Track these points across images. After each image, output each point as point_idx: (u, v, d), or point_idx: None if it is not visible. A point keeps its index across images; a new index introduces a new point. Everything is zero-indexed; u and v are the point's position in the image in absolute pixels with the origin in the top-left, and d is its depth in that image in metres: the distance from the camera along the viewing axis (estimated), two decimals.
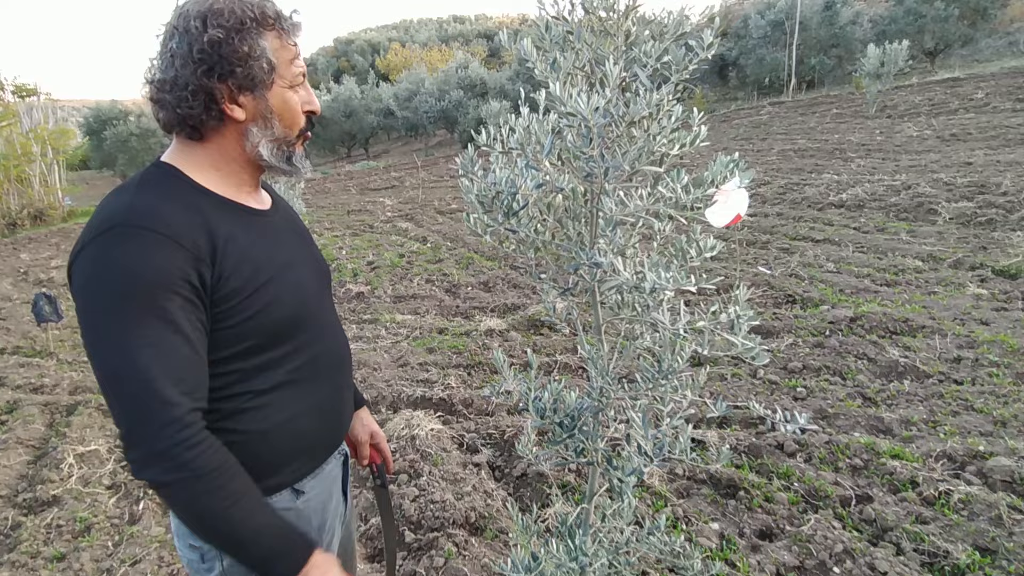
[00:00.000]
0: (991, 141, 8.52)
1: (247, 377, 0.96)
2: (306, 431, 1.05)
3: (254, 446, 0.97)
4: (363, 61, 32.45)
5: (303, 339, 1.03)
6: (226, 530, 0.87)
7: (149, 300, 0.82)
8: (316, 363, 1.05)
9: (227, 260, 0.90)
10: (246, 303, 0.92)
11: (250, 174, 1.02)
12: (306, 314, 1.03)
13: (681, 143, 1.20)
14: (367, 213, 10.93)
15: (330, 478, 1.13)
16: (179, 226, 0.86)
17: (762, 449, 2.67)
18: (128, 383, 0.82)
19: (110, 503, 2.92)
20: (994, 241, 5.08)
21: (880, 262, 5.03)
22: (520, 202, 1.36)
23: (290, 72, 0.98)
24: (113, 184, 22.77)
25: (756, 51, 18.66)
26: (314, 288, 1.08)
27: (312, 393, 1.05)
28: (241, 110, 0.95)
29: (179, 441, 0.82)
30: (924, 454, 2.53)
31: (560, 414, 1.35)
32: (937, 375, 3.21)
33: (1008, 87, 11.43)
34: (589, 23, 1.20)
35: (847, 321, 3.93)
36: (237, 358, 0.94)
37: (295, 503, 1.05)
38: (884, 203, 6.56)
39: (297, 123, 1.01)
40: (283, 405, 1.00)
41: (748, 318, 1.24)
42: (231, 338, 0.92)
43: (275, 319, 0.96)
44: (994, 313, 3.85)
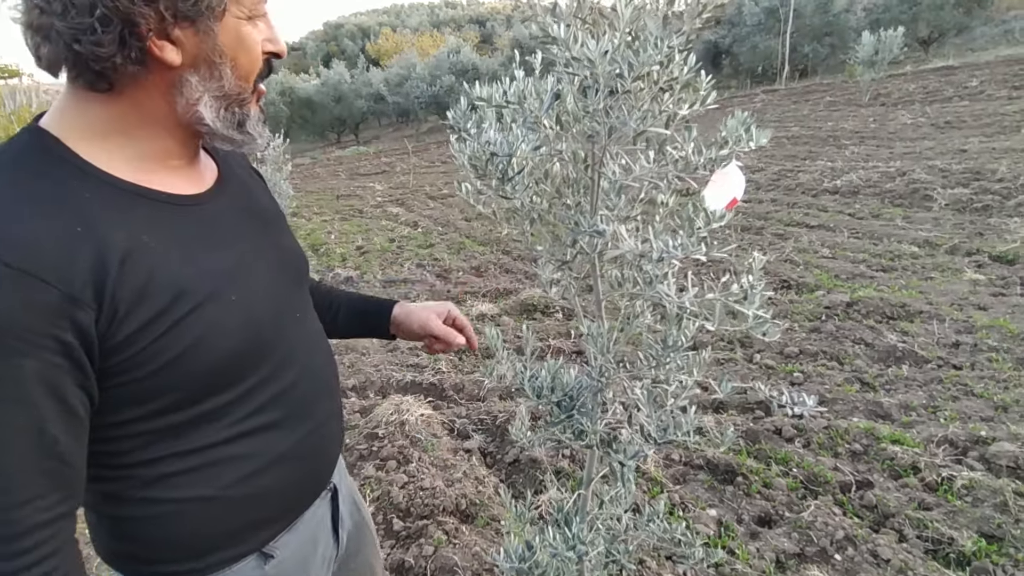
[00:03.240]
0: (986, 128, 8.48)
1: (176, 435, 0.70)
2: (271, 490, 0.79)
3: (193, 517, 0.74)
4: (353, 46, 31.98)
5: (264, 373, 0.76)
6: None
7: (4, 359, 0.56)
8: (287, 400, 0.79)
9: (125, 289, 0.61)
10: (162, 345, 0.64)
11: (179, 141, 0.71)
12: (266, 339, 0.76)
13: (691, 102, 1.12)
14: (357, 198, 10.78)
15: (312, 525, 0.88)
16: (43, 250, 0.56)
17: (760, 434, 2.61)
18: None
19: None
20: (991, 227, 5.04)
21: (876, 248, 4.98)
22: (516, 167, 1.27)
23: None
24: None
25: (750, 38, 18.54)
26: (277, 297, 0.79)
27: (282, 440, 0.79)
28: (175, 49, 0.64)
29: (14, 570, 0.59)
30: (925, 439, 2.48)
31: (558, 393, 1.27)
32: (936, 360, 3.16)
33: (1003, 75, 11.40)
34: None
35: (843, 306, 3.88)
36: (155, 415, 0.68)
37: (263, 569, 0.80)
38: (879, 189, 6.51)
39: (255, 70, 0.72)
40: (236, 462, 0.75)
41: (762, 288, 1.17)
42: (143, 393, 0.66)
43: (213, 359, 0.68)
44: (992, 298, 3.80)
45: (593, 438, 1.29)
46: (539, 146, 1.24)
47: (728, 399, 2.97)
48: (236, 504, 0.76)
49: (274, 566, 0.81)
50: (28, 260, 0.56)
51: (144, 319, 0.63)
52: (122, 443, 0.68)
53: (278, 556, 0.82)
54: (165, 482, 0.72)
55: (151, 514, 0.72)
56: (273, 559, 0.81)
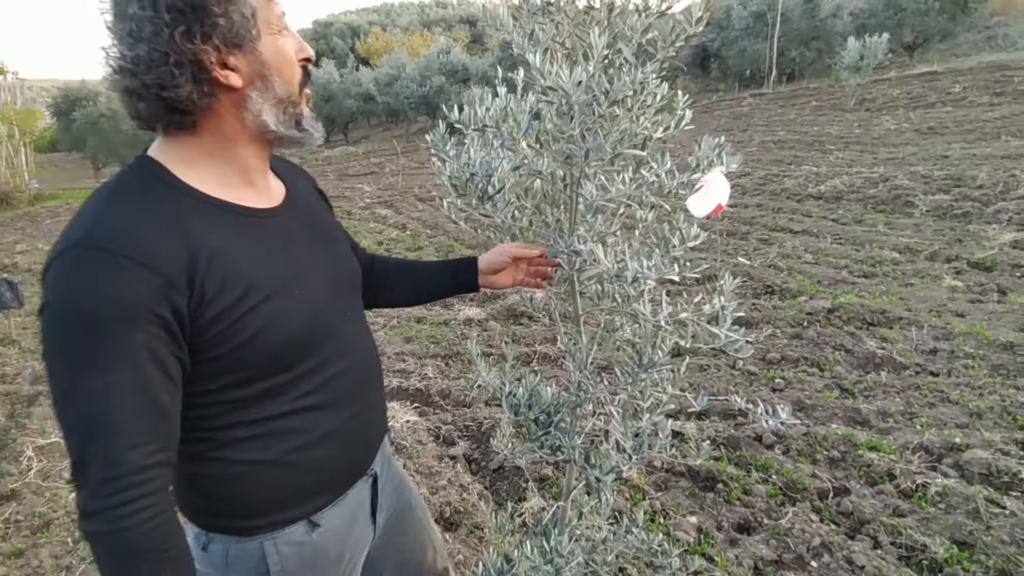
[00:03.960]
0: (967, 135, 8.62)
1: (246, 405, 0.84)
2: (321, 462, 0.92)
3: (257, 478, 0.88)
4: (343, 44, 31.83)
5: (316, 360, 0.89)
6: None
7: (108, 338, 0.70)
8: (334, 385, 0.93)
9: (210, 281, 0.76)
10: (237, 328, 0.78)
11: (256, 156, 0.87)
12: (320, 332, 0.90)
13: (665, 125, 1.14)
14: (345, 199, 10.75)
15: (354, 504, 1.01)
16: (151, 246, 0.73)
17: (740, 441, 2.65)
18: (75, 427, 0.71)
19: (70, 498, 2.81)
20: (970, 234, 5.13)
21: (858, 254, 5.05)
22: (496, 185, 1.29)
23: (273, 14, 0.82)
24: (83, 167, 22.19)
25: (738, 42, 18.68)
26: (331, 299, 0.94)
27: (328, 419, 0.92)
28: (235, 74, 0.79)
29: (116, 505, 0.71)
30: (901, 446, 2.53)
31: (535, 410, 1.29)
32: (914, 367, 3.22)
33: (985, 81, 11.58)
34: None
35: (825, 312, 3.94)
36: (232, 387, 0.82)
37: (310, 537, 0.94)
38: (862, 195, 6.60)
39: (296, 74, 0.85)
40: (292, 434, 0.89)
41: (733, 309, 1.19)
42: (222, 367, 0.80)
43: (276, 343, 0.83)
44: (969, 305, 3.88)
45: (570, 453, 1.31)
46: (518, 166, 1.27)
47: (710, 406, 3.01)
48: (291, 471, 0.89)
49: (320, 534, 0.94)
50: (141, 255, 0.72)
51: (223, 306, 0.77)
52: (205, 409, 0.82)
53: (324, 525, 0.94)
54: (236, 446, 0.85)
55: (223, 473, 0.86)
56: (319, 527, 0.94)
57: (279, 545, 0.90)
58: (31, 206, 14.95)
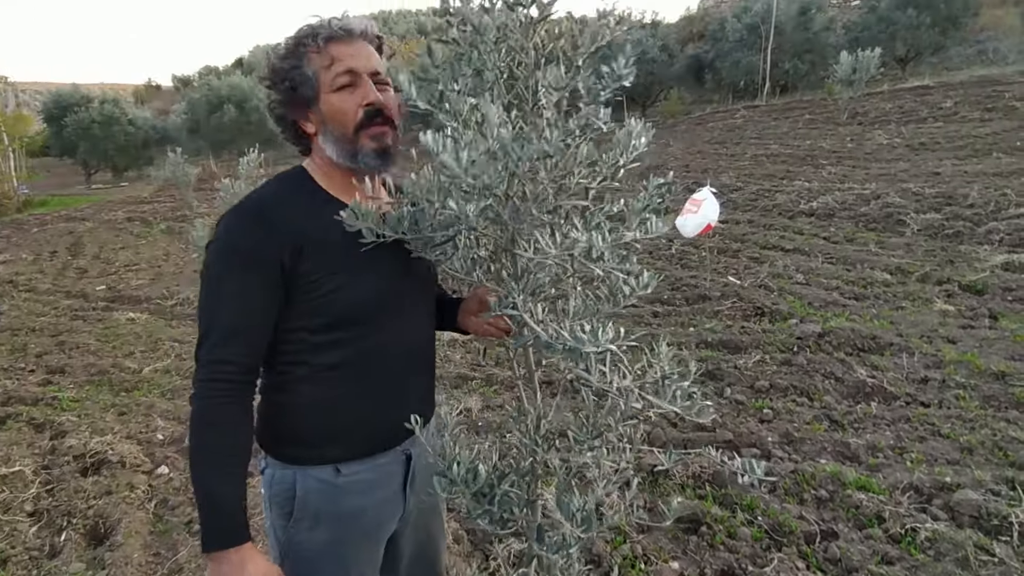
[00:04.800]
0: (959, 151, 8.61)
1: (310, 350, 1.08)
2: (353, 416, 1.12)
3: (302, 414, 1.11)
4: None
5: (368, 329, 1.10)
6: (194, 472, 1.03)
7: (241, 269, 1.02)
8: (378, 354, 1.12)
9: (308, 246, 1.03)
10: (317, 284, 1.04)
11: (343, 175, 1.13)
12: (375, 308, 1.10)
13: (602, 177, 1.05)
14: None
15: (384, 473, 1.17)
16: (283, 220, 1.04)
17: (726, 478, 2.56)
18: (203, 320, 1.04)
19: (30, 532, 2.70)
20: (961, 255, 5.09)
21: (849, 274, 5.00)
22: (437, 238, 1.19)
23: (327, 76, 1.06)
24: (74, 172, 21.99)
25: (732, 54, 18.73)
26: (397, 287, 1.13)
27: (365, 381, 1.12)
28: (310, 124, 1.11)
29: (210, 379, 1.01)
30: (891, 485, 2.45)
31: (477, 483, 1.18)
32: (904, 397, 3.16)
33: (976, 96, 11.60)
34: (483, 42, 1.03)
35: (815, 337, 3.87)
36: (307, 330, 1.07)
37: (334, 479, 1.12)
38: (854, 212, 6.56)
39: (349, 120, 1.07)
40: (334, 384, 1.10)
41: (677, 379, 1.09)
42: (303, 311, 1.06)
43: (342, 305, 1.06)
44: (961, 331, 3.82)
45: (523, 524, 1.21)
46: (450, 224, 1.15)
47: (695, 437, 2.93)
48: (326, 416, 1.11)
49: (342, 481, 1.13)
50: (273, 218, 1.05)
51: (311, 266, 1.04)
52: (284, 346, 1.08)
53: (346, 474, 1.13)
54: (296, 385, 1.10)
55: (282, 404, 1.12)
56: (342, 475, 1.13)
57: (307, 478, 1.11)
58: (19, 213, 14.79)
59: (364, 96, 1.07)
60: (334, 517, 1.13)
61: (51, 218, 13.00)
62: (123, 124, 20.39)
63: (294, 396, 1.10)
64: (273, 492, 1.14)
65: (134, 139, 20.82)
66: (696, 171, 9.68)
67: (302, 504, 1.12)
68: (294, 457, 1.12)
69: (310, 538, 1.13)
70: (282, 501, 1.13)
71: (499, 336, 1.28)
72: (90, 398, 4.09)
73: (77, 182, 21.10)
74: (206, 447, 1.02)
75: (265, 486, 1.16)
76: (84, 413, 3.82)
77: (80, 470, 3.12)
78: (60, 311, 6.30)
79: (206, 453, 1.02)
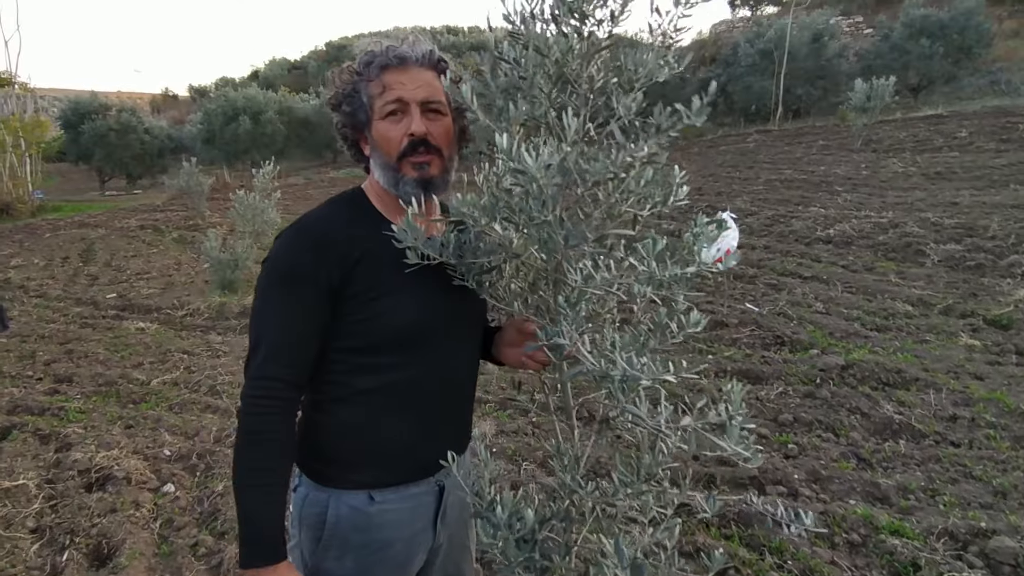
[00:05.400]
0: (976, 181, 8.54)
1: (352, 371, 1.09)
2: (388, 442, 1.12)
3: (338, 435, 1.12)
4: None
5: (411, 355, 1.10)
6: (237, 486, 1.03)
7: (291, 286, 1.04)
8: (419, 381, 1.12)
9: (359, 269, 1.05)
10: (361, 309, 1.06)
11: (393, 197, 1.11)
12: (418, 337, 1.10)
13: (653, 203, 1.01)
14: None
15: (416, 502, 1.16)
16: (334, 235, 1.06)
17: (753, 517, 2.47)
18: (253, 335, 1.06)
19: (32, 550, 2.63)
20: (984, 287, 5.00)
21: (870, 304, 4.91)
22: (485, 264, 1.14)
23: (379, 104, 1.09)
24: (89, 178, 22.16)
25: (744, 78, 18.80)
26: (442, 318, 1.13)
27: (404, 407, 1.12)
28: (366, 145, 1.14)
29: (257, 394, 1.02)
30: (925, 530, 2.35)
31: (517, 531, 1.10)
32: (933, 435, 3.06)
33: (991, 127, 11.56)
34: (544, 67, 1.00)
35: (838, 369, 3.78)
36: (350, 351, 1.08)
37: (367, 507, 1.12)
38: (872, 241, 6.48)
39: (393, 148, 1.08)
40: (374, 408, 1.11)
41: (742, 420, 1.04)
42: (347, 332, 1.07)
43: (387, 326, 1.07)
44: (988, 367, 3.72)
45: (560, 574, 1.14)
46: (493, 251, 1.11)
47: (717, 472, 2.84)
48: (362, 439, 1.11)
49: (376, 509, 1.12)
50: (327, 239, 1.06)
51: (360, 288, 1.05)
52: (330, 365, 1.09)
53: (380, 502, 1.12)
54: (337, 404, 1.11)
55: (322, 423, 1.12)
56: (376, 503, 1.12)
57: (340, 504, 1.11)
58: (33, 217, 14.88)
59: (408, 126, 1.08)
60: (364, 547, 1.13)
61: (64, 223, 13.06)
62: (139, 133, 20.57)
63: (332, 416, 1.12)
64: (304, 513, 1.14)
65: (149, 147, 21.00)
66: (710, 194, 9.64)
67: (332, 530, 1.12)
68: (328, 478, 1.13)
69: (338, 567, 1.13)
70: (312, 524, 1.13)
71: (536, 368, 1.24)
72: (97, 409, 4.03)
73: (91, 188, 21.28)
74: (249, 463, 1.03)
75: (296, 505, 1.16)
76: (91, 425, 3.76)
77: (85, 485, 3.06)
78: (70, 318, 6.27)
79: (249, 469, 1.03)
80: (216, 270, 6.73)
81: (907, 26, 16.66)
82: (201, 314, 6.20)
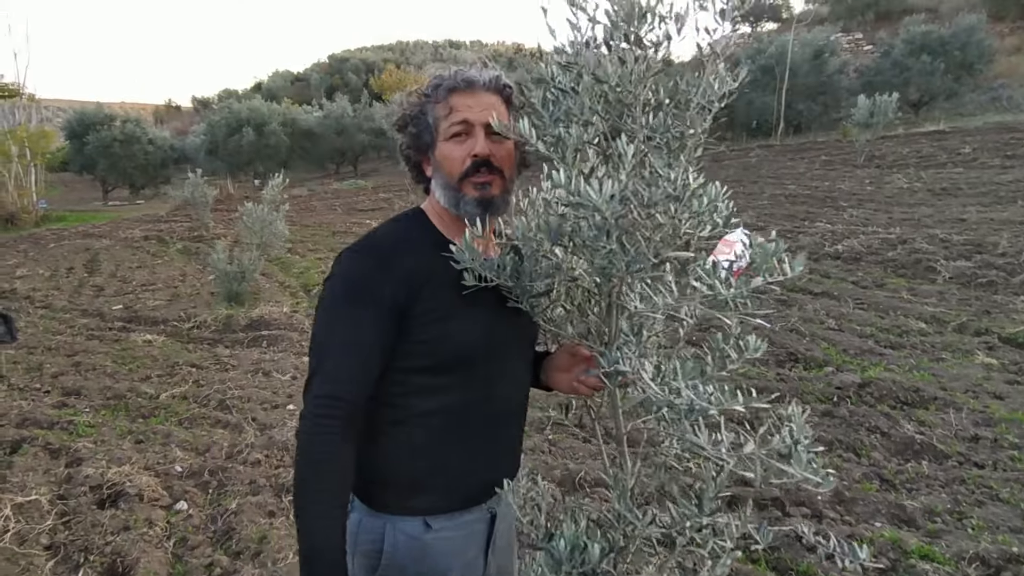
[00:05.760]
0: (983, 198, 8.56)
1: (412, 393, 1.09)
2: (445, 467, 1.12)
3: (397, 459, 1.11)
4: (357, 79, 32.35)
5: (470, 376, 1.10)
6: (297, 504, 1.01)
7: (358, 305, 1.04)
8: (474, 407, 1.12)
9: (424, 289, 1.05)
10: (426, 329, 1.05)
11: (453, 218, 1.13)
12: (478, 358, 1.10)
13: (712, 224, 1.00)
14: (353, 236, 10.65)
15: (469, 530, 1.15)
16: (400, 258, 1.06)
17: (779, 540, 2.43)
18: (315, 354, 1.05)
19: (47, 567, 2.58)
20: (997, 305, 4.98)
21: (882, 321, 4.90)
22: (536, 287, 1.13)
23: (445, 126, 1.10)
24: (92, 189, 22.23)
25: (746, 94, 18.94)
26: (500, 337, 1.13)
27: (462, 430, 1.11)
28: (428, 166, 1.15)
29: (320, 413, 1.01)
30: (955, 555, 2.31)
31: (581, 563, 1.07)
32: (956, 456, 3.02)
33: (995, 143, 11.61)
34: (601, 92, 0.99)
35: (855, 387, 3.75)
36: (410, 372, 1.07)
37: (424, 536, 1.10)
38: (881, 257, 6.48)
39: (456, 168, 1.09)
40: (432, 431, 1.10)
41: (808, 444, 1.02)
42: (410, 352, 1.06)
43: (448, 350, 1.07)
44: (1007, 386, 3.69)
45: None
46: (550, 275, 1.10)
47: (740, 493, 2.80)
48: (422, 462, 1.11)
49: (432, 537, 1.10)
50: (392, 258, 1.06)
51: (423, 311, 1.05)
52: (390, 387, 1.08)
53: (436, 530, 1.11)
54: (396, 426, 1.10)
55: (380, 445, 1.10)
56: (432, 530, 1.11)
57: (397, 531, 1.10)
58: (37, 227, 14.90)
59: (472, 147, 1.10)
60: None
61: (68, 234, 13.07)
62: (143, 143, 20.66)
63: (390, 439, 1.10)
64: (359, 541, 1.12)
65: (153, 158, 21.09)
66: None
67: (390, 560, 1.10)
68: (384, 503, 1.11)
69: None
70: (368, 552, 1.11)
71: (587, 394, 1.22)
72: (106, 423, 3.99)
73: (94, 198, 21.32)
74: (311, 486, 1.01)
75: (350, 532, 1.11)
76: (100, 440, 3.72)
77: (97, 502, 3.02)
78: (76, 330, 6.24)
79: (311, 492, 1.01)
80: (223, 282, 6.71)
81: (908, 42, 16.79)
82: (208, 327, 6.17)
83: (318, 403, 1.01)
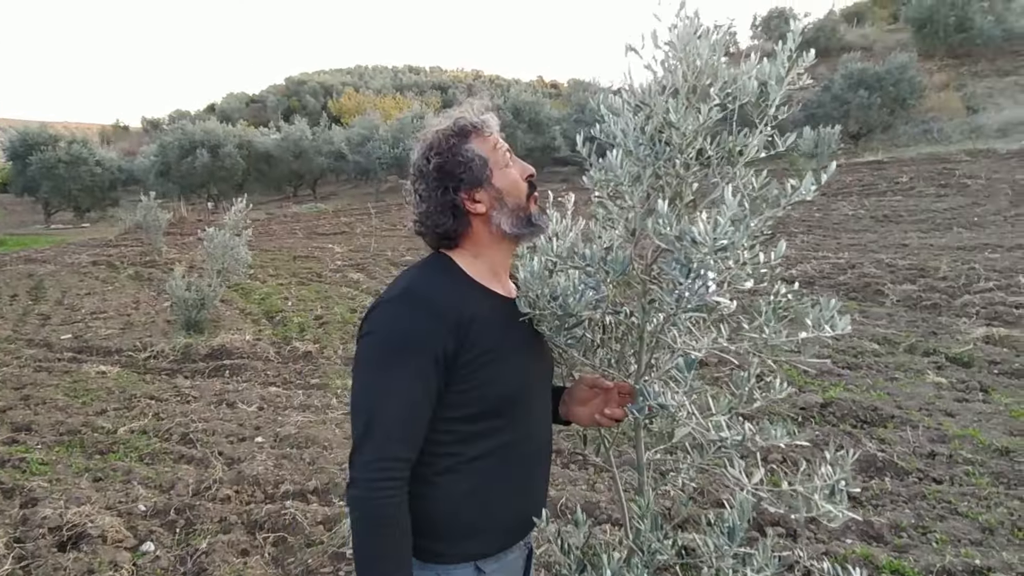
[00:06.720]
0: (921, 224, 9.11)
1: (461, 440, 1.09)
2: (495, 508, 1.13)
3: (449, 507, 1.10)
4: (315, 102, 32.09)
5: (511, 419, 1.12)
6: (362, 570, 1.02)
7: (407, 357, 1.02)
8: (517, 446, 1.14)
9: (469, 336, 1.04)
10: (475, 374, 1.05)
11: (502, 254, 1.17)
12: (520, 398, 1.13)
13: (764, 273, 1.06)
14: (315, 260, 10.50)
15: (513, 567, 1.19)
16: (445, 305, 1.05)
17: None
18: (363, 415, 1.03)
19: None
20: (942, 326, 5.29)
21: (838, 343, 5.11)
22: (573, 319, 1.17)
23: (497, 156, 1.13)
24: (33, 212, 21.20)
25: None
26: (534, 375, 1.17)
27: (508, 472, 1.13)
28: (481, 204, 1.12)
29: (378, 477, 1.00)
30: (924, 569, 2.43)
31: None
32: (916, 472, 3.18)
33: (929, 172, 12.38)
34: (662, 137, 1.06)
35: (818, 407, 3.91)
36: (458, 421, 1.07)
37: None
38: (833, 280, 6.79)
39: (522, 190, 1.13)
40: (482, 476, 1.11)
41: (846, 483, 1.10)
42: (458, 401, 1.06)
43: (495, 393, 1.08)
44: (957, 404, 3.91)
45: None
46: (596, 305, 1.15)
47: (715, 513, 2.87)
48: (475, 507, 1.11)
49: None
50: (435, 310, 1.04)
51: (473, 355, 1.05)
52: (438, 435, 1.07)
53: (487, 571, 1.12)
54: (444, 475, 1.09)
55: (428, 495, 1.08)
56: (483, 573, 1.12)
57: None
58: None
59: (524, 169, 1.17)
60: None
61: (9, 259, 12.40)
62: (90, 164, 19.90)
63: (442, 489, 1.09)
64: None
65: (100, 180, 20.30)
66: None
67: None
68: (436, 553, 1.10)
69: None
70: None
71: (608, 426, 1.26)
72: (61, 460, 3.79)
73: (35, 221, 20.34)
74: (381, 553, 1.01)
75: None
76: (56, 478, 3.53)
77: (57, 544, 2.85)
78: (23, 361, 5.92)
79: (380, 558, 1.01)
80: (180, 309, 6.49)
81: (846, 78, 17.82)
82: (166, 356, 5.95)
83: (373, 467, 1.00)
